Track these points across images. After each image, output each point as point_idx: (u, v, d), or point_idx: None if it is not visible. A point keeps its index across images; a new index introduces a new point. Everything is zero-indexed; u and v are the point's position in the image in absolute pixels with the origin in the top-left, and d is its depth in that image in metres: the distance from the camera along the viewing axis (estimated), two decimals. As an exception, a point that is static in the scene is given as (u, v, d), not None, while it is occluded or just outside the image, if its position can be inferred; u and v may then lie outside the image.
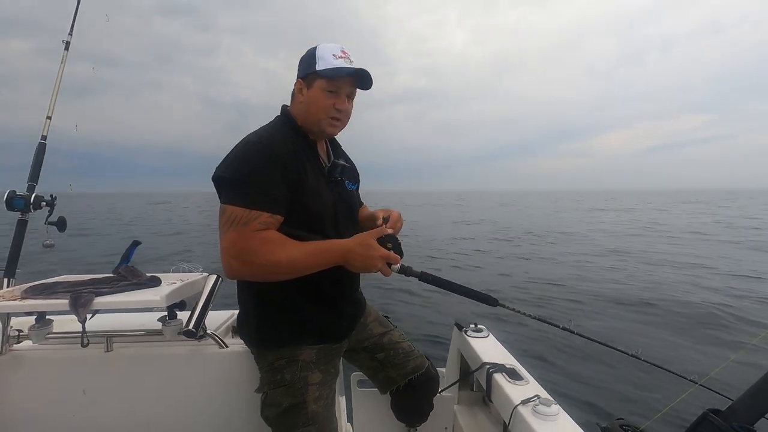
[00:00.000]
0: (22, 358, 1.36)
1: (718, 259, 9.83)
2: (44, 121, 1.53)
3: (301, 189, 1.11)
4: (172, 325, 1.37)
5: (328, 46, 1.15)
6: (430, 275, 1.18)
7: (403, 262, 1.12)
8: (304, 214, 1.13)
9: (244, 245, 1.02)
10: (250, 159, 1.06)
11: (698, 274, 7.99)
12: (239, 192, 1.04)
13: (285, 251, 1.04)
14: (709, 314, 5.31)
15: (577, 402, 3.05)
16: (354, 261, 1.07)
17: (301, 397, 1.15)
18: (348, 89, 1.18)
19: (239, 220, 1.02)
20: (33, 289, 1.28)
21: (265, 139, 1.11)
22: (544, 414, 1.10)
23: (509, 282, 7.46)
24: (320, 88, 1.15)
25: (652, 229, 17.44)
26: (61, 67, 1.58)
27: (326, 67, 1.12)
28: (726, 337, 4.52)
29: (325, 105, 1.15)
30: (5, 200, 1.40)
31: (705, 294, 6.40)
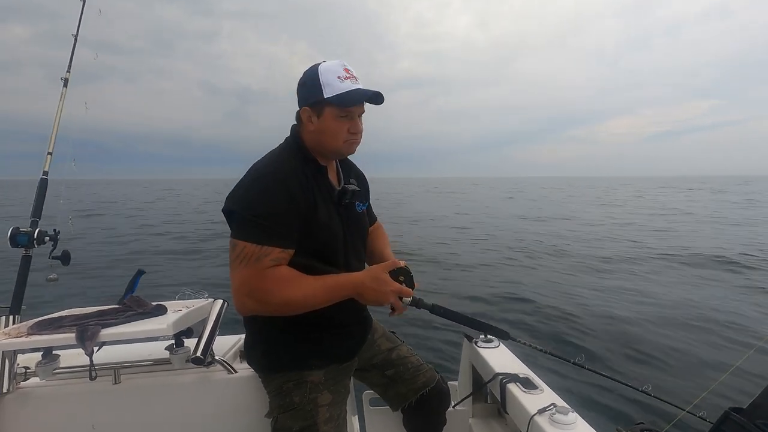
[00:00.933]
0: (30, 396, 1.35)
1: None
2: (45, 157, 1.55)
3: (312, 219, 1.11)
4: (179, 353, 1.36)
5: (329, 67, 1.11)
6: (441, 308, 1.20)
7: (414, 294, 1.13)
8: (313, 242, 1.12)
9: (257, 284, 1.02)
10: (260, 193, 1.06)
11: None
12: (251, 228, 1.03)
13: (298, 289, 1.04)
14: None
15: (594, 408, 2.99)
16: (367, 295, 1.07)
17: (311, 419, 1.13)
18: (360, 110, 1.16)
19: (251, 257, 1.01)
20: (39, 325, 1.27)
21: (276, 171, 1.09)
22: (562, 423, 1.08)
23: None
24: (332, 116, 1.12)
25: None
26: (60, 104, 1.60)
27: (335, 94, 1.08)
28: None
29: (340, 131, 1.13)
30: (9, 236, 1.41)
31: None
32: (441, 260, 8.38)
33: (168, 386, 1.40)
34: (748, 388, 2.88)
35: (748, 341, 4.06)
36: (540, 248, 9.77)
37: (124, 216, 19.36)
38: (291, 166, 1.12)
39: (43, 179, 1.53)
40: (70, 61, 1.69)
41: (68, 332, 1.20)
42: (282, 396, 1.16)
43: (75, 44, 1.69)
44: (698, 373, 3.49)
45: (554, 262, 8.19)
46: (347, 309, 1.23)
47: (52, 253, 1.48)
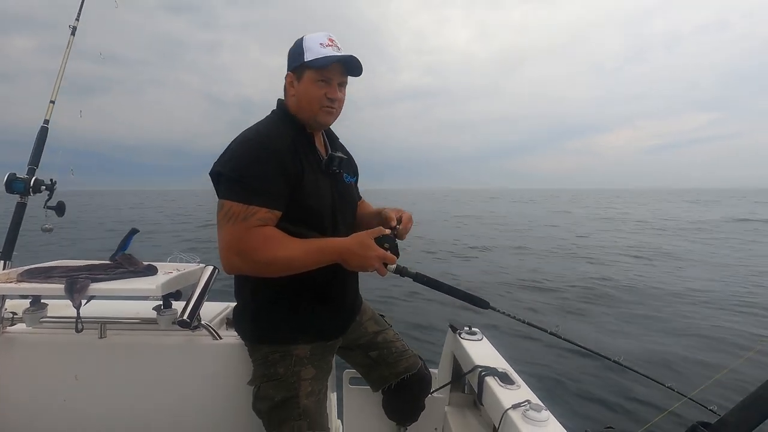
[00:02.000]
0: (16, 341, 1.36)
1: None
2: (47, 105, 1.53)
3: (300, 184, 1.11)
4: (166, 314, 1.37)
5: (314, 35, 1.14)
6: (425, 276, 1.19)
7: (398, 263, 1.13)
8: (301, 209, 1.13)
9: (243, 241, 1.02)
10: (247, 154, 1.06)
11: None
12: (237, 188, 1.04)
13: (283, 249, 1.04)
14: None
15: (567, 409, 3.06)
16: (351, 260, 1.07)
17: (293, 391, 1.15)
18: (339, 78, 1.16)
19: (237, 216, 1.02)
20: (29, 273, 1.28)
21: (263, 135, 1.11)
22: (534, 419, 1.10)
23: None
24: (311, 80, 1.14)
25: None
26: (67, 51, 1.57)
27: (314, 57, 1.11)
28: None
29: (317, 95, 1.15)
30: (5, 182, 1.40)
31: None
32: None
33: (153, 346, 1.41)
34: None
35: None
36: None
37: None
38: (278, 130, 1.14)
39: (43, 127, 1.51)
40: (79, 10, 1.65)
41: (57, 283, 1.21)
42: (267, 366, 1.18)
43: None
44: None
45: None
46: (338, 285, 1.24)
47: (48, 203, 1.47)
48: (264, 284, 1.15)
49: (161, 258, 1.57)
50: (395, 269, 1.12)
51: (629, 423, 2.86)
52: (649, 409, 2.98)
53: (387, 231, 1.13)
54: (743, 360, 3.51)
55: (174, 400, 1.43)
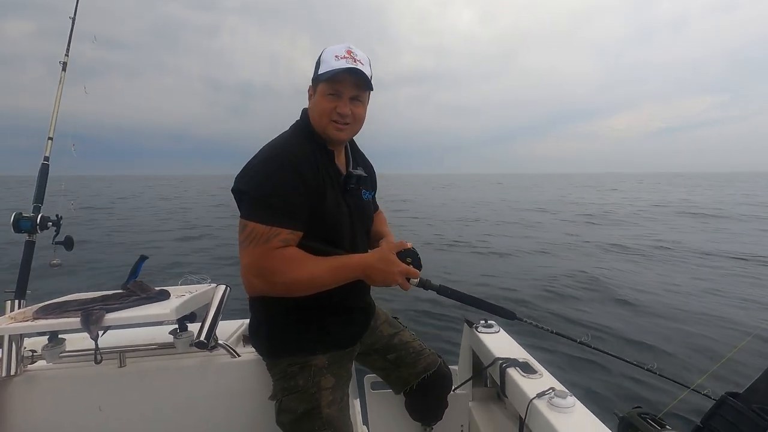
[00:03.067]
0: (37, 378, 1.37)
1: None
2: (46, 142, 1.55)
3: (320, 202, 1.11)
4: (183, 337, 1.38)
5: (333, 48, 1.12)
6: (449, 289, 1.20)
7: (421, 276, 1.13)
8: (321, 226, 1.12)
9: (266, 263, 1.02)
10: (270, 174, 1.05)
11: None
12: (260, 208, 1.03)
13: (306, 269, 1.04)
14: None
15: (592, 393, 3.04)
16: (374, 276, 1.08)
17: (315, 402, 1.15)
18: (351, 91, 1.12)
19: (260, 237, 1.02)
20: (44, 309, 1.29)
21: (286, 153, 1.09)
22: (560, 406, 1.09)
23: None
24: (322, 93, 1.13)
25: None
26: (60, 88, 1.59)
27: (326, 70, 1.10)
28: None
29: (327, 109, 1.13)
30: (12, 222, 1.41)
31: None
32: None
33: (172, 370, 1.42)
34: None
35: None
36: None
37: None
38: (301, 149, 1.12)
39: (44, 165, 1.52)
40: (68, 45, 1.66)
41: (73, 316, 1.22)
42: (286, 379, 1.18)
43: (72, 27, 1.67)
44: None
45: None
46: (351, 295, 1.24)
47: (55, 239, 1.48)
48: (277, 299, 1.15)
49: (173, 281, 1.58)
50: (418, 283, 1.12)
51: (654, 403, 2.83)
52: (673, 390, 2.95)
53: (409, 245, 1.14)
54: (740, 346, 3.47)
55: (198, 421, 1.43)
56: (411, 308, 4.74)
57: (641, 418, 1.22)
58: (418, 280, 1.12)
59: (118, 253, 8.73)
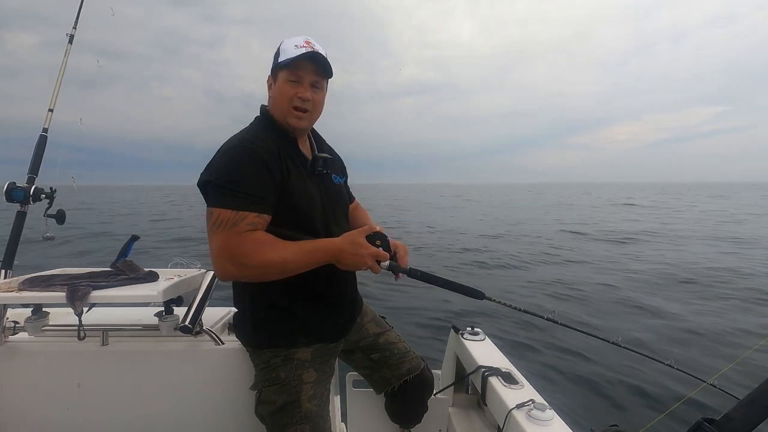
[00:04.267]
0: (18, 350, 1.36)
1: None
2: (46, 113, 1.54)
3: (287, 188, 1.12)
4: (168, 320, 1.37)
5: (292, 39, 1.16)
6: (419, 271, 1.19)
7: (391, 260, 1.13)
8: (291, 212, 1.13)
9: (235, 247, 1.02)
10: (233, 161, 1.07)
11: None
12: (225, 194, 1.04)
13: (275, 252, 1.04)
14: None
15: (571, 408, 3.05)
16: (344, 259, 1.08)
17: (295, 395, 1.15)
18: (311, 77, 1.16)
19: (227, 222, 1.02)
20: (30, 281, 1.28)
21: (247, 141, 1.11)
22: (539, 419, 1.10)
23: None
24: (283, 79, 1.15)
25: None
26: (65, 60, 1.58)
27: (286, 58, 1.12)
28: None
29: (288, 94, 1.15)
30: (5, 191, 1.40)
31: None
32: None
33: (155, 352, 1.41)
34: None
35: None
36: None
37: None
38: (261, 137, 1.14)
39: (42, 136, 1.51)
40: (76, 18, 1.65)
41: (59, 291, 1.21)
42: (269, 370, 1.18)
43: (82, 2, 1.66)
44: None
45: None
46: (336, 286, 1.24)
47: (48, 211, 1.47)
48: (262, 289, 1.15)
49: (162, 264, 1.57)
50: (388, 266, 1.12)
51: (633, 419, 2.85)
52: (655, 406, 2.98)
53: (378, 228, 1.14)
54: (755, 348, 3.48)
55: (177, 406, 1.42)
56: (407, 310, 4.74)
57: None
58: (389, 263, 1.12)
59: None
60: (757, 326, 4.45)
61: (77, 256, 7.28)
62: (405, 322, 4.52)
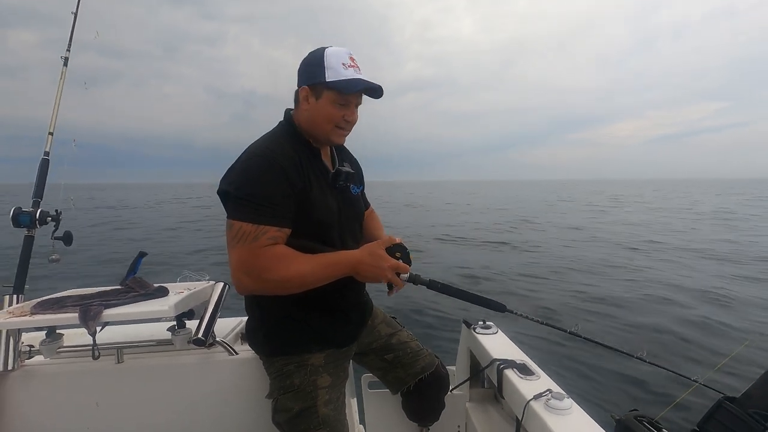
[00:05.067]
0: (34, 373, 1.37)
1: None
2: (46, 137, 1.55)
3: (307, 200, 1.11)
4: (181, 334, 1.38)
5: (336, 52, 1.11)
6: (439, 283, 1.20)
7: (411, 271, 1.13)
8: (309, 224, 1.12)
9: (254, 262, 1.02)
10: (255, 173, 1.06)
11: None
12: (246, 207, 1.03)
13: (296, 266, 1.04)
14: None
15: (588, 396, 3.04)
16: (364, 272, 1.08)
17: (311, 401, 1.15)
18: (358, 100, 1.16)
19: (247, 236, 1.02)
20: (42, 304, 1.29)
21: (270, 151, 1.09)
22: (557, 408, 1.09)
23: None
24: (330, 100, 1.11)
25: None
26: (61, 83, 1.58)
27: (337, 79, 1.08)
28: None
29: (335, 117, 1.13)
30: (11, 217, 1.41)
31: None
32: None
33: (170, 366, 1.41)
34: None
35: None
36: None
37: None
38: (284, 147, 1.12)
39: (44, 159, 1.52)
40: (69, 40, 1.66)
41: (71, 312, 1.22)
42: (283, 378, 1.18)
43: (75, 22, 1.67)
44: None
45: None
46: (348, 294, 1.24)
47: (54, 234, 1.48)
48: (273, 298, 1.15)
49: (171, 278, 1.58)
50: (408, 278, 1.12)
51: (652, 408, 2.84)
52: (671, 393, 2.96)
53: (397, 240, 1.13)
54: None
55: (195, 418, 1.43)
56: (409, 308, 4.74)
57: (638, 421, 1.22)
58: (408, 275, 1.12)
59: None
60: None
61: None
62: (415, 320, 4.52)
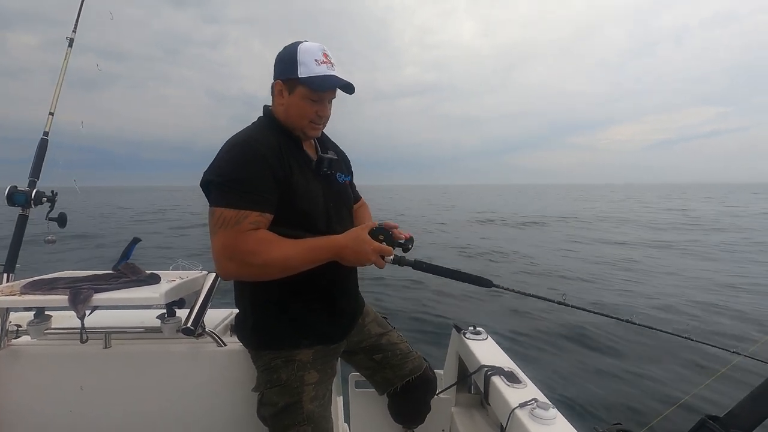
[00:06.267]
0: (20, 353, 1.36)
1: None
2: (47, 116, 1.54)
3: (289, 187, 1.11)
4: (170, 322, 1.37)
5: (309, 48, 1.12)
6: (424, 263, 1.19)
7: (395, 253, 1.13)
8: (294, 212, 1.13)
9: (237, 246, 1.02)
10: (235, 160, 1.06)
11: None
12: (227, 193, 1.04)
13: (278, 250, 1.04)
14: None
15: (573, 406, 3.05)
16: (347, 255, 1.08)
17: (297, 396, 1.15)
18: (331, 96, 1.18)
19: (229, 221, 1.02)
20: (32, 285, 1.28)
21: (250, 139, 1.11)
22: (542, 417, 1.10)
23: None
24: (302, 96, 1.13)
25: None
26: (65, 64, 1.58)
27: (309, 75, 1.10)
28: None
29: (308, 112, 1.15)
30: (6, 196, 1.40)
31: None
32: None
33: (158, 354, 1.41)
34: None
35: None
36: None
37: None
38: (264, 137, 1.13)
39: (43, 139, 1.51)
40: (76, 21, 1.65)
41: (61, 294, 1.21)
42: (270, 372, 1.18)
43: (82, 3, 1.66)
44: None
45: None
46: (338, 289, 1.24)
47: (49, 215, 1.47)
48: (263, 291, 1.15)
49: (164, 266, 1.57)
50: (393, 260, 1.13)
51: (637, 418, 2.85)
52: (656, 407, 2.97)
53: (379, 223, 1.15)
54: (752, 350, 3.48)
55: (180, 407, 1.43)
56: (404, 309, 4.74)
57: None
58: (392, 258, 1.12)
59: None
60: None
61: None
62: (405, 321, 4.53)
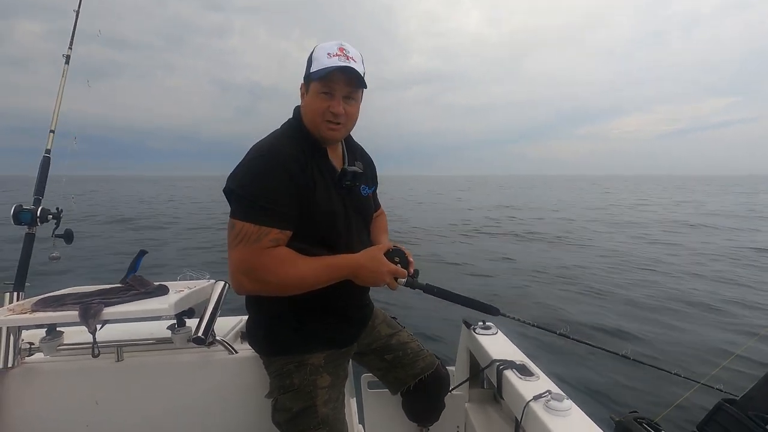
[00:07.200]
0: (34, 371, 1.37)
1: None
2: (48, 135, 1.55)
3: (311, 202, 1.10)
4: (181, 332, 1.38)
5: (325, 45, 1.11)
6: (435, 287, 1.21)
7: (408, 276, 1.15)
8: (313, 226, 1.12)
9: (255, 263, 1.02)
10: (259, 173, 1.05)
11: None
12: (249, 207, 1.03)
13: (295, 269, 1.04)
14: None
15: (588, 396, 3.04)
16: (363, 275, 1.08)
17: (311, 400, 1.15)
18: (343, 90, 1.10)
19: (250, 237, 1.02)
20: (42, 302, 1.29)
21: (275, 151, 1.09)
22: (557, 409, 1.09)
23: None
24: (315, 91, 1.11)
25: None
26: (62, 81, 1.58)
27: (318, 68, 1.08)
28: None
29: (320, 108, 1.11)
30: (12, 214, 1.41)
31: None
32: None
33: (170, 365, 1.42)
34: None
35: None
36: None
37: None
38: (290, 147, 1.11)
39: (45, 157, 1.52)
40: (71, 38, 1.66)
41: (71, 310, 1.22)
42: (282, 377, 1.18)
43: (77, 20, 1.67)
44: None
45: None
46: (348, 294, 1.24)
47: (55, 232, 1.48)
48: (273, 299, 1.15)
49: (172, 277, 1.58)
50: (405, 283, 1.15)
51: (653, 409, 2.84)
52: (671, 393, 2.96)
53: (396, 245, 1.16)
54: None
55: (194, 416, 1.43)
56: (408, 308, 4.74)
57: (637, 422, 1.22)
58: (406, 280, 1.14)
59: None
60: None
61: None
62: (415, 320, 4.52)
